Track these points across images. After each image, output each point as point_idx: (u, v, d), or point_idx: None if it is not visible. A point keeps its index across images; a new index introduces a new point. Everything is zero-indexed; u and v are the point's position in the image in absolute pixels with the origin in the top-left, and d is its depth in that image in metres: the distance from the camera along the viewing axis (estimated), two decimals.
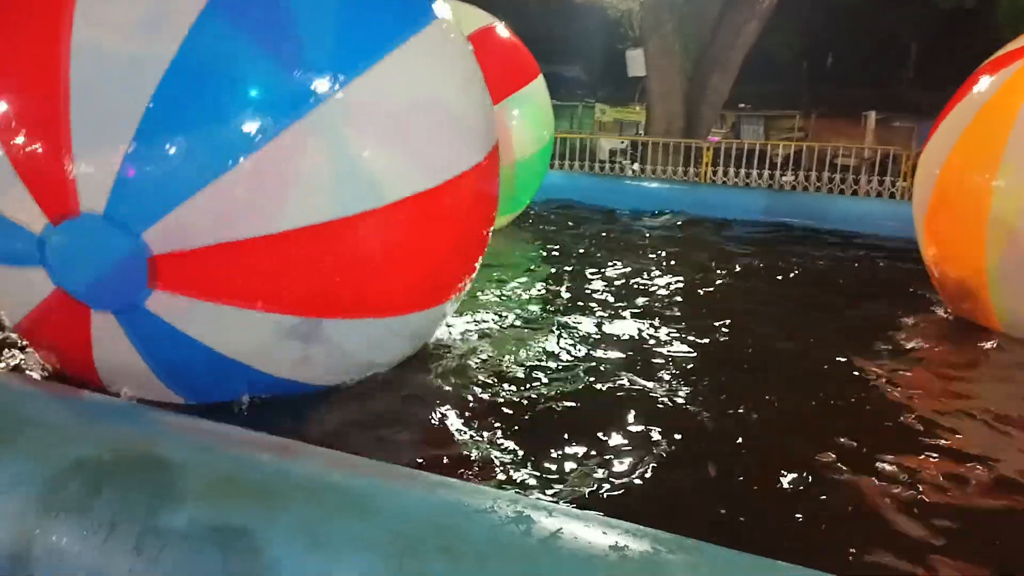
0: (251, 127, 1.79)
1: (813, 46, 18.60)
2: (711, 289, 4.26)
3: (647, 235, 6.34)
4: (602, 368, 2.79)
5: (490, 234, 2.64)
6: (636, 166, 10.56)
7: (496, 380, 2.60)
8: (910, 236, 4.01)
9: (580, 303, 3.78)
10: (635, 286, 4.23)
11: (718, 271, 4.76)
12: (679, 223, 7.04)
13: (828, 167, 9.59)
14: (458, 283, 2.49)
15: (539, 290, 4.07)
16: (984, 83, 3.53)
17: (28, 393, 1.69)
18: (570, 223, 6.76)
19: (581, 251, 5.34)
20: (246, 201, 1.82)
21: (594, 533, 1.14)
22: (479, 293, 3.83)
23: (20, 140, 1.79)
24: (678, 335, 3.26)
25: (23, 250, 1.87)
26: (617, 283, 4.28)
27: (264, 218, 1.85)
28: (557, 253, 5.29)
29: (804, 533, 1.80)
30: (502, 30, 5.40)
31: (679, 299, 3.96)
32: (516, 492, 1.77)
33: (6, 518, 1.25)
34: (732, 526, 1.80)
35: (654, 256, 5.22)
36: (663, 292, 4.11)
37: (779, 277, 4.71)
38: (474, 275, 2.59)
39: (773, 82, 17.24)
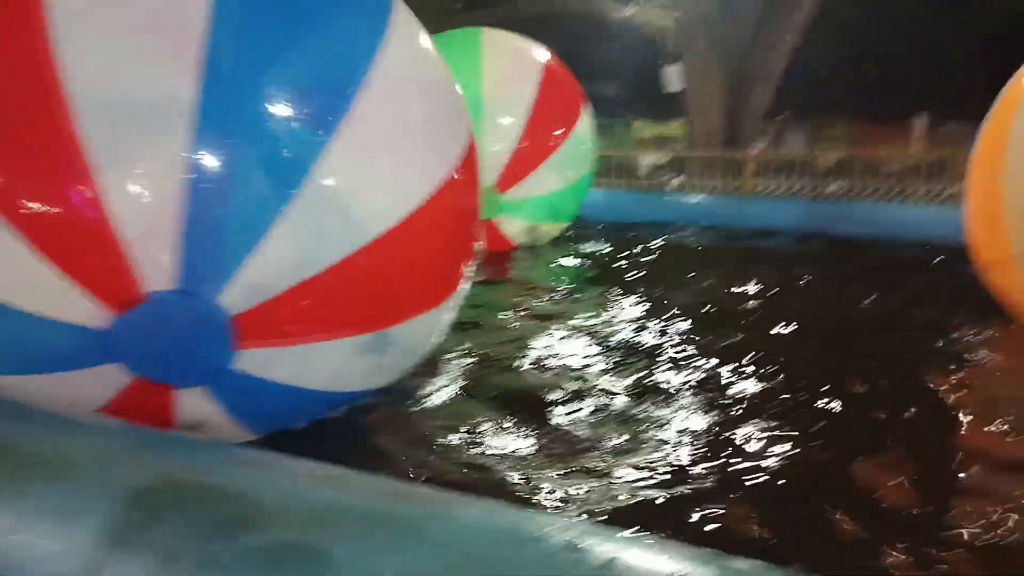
0: (288, 162, 1.75)
1: (857, 52, 18.25)
2: (758, 304, 4.17)
3: (690, 249, 6.27)
4: (652, 386, 2.75)
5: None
6: (677, 180, 10.46)
7: (534, 396, 2.59)
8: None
9: (621, 320, 3.74)
10: (680, 302, 4.17)
11: (763, 284, 4.67)
12: (723, 236, 6.95)
13: (876, 174, 9.37)
14: (468, 267, 2.45)
15: (578, 307, 4.04)
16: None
17: (86, 424, 1.71)
18: (612, 239, 6.73)
19: (622, 267, 5.31)
20: (305, 237, 1.79)
21: (654, 559, 1.11)
22: (517, 310, 3.83)
23: (56, 235, 1.62)
24: (725, 353, 3.19)
25: (88, 349, 1.75)
26: (660, 300, 4.23)
27: (323, 249, 1.84)
28: (598, 269, 5.27)
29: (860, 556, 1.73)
30: (557, 63, 5.75)
31: (722, 314, 3.89)
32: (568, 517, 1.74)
33: (74, 550, 1.27)
34: (788, 549, 1.74)
35: (697, 271, 5.16)
36: (705, 308, 4.05)
37: (829, 289, 4.59)
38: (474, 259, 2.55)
39: (816, 90, 16.94)
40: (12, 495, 1.34)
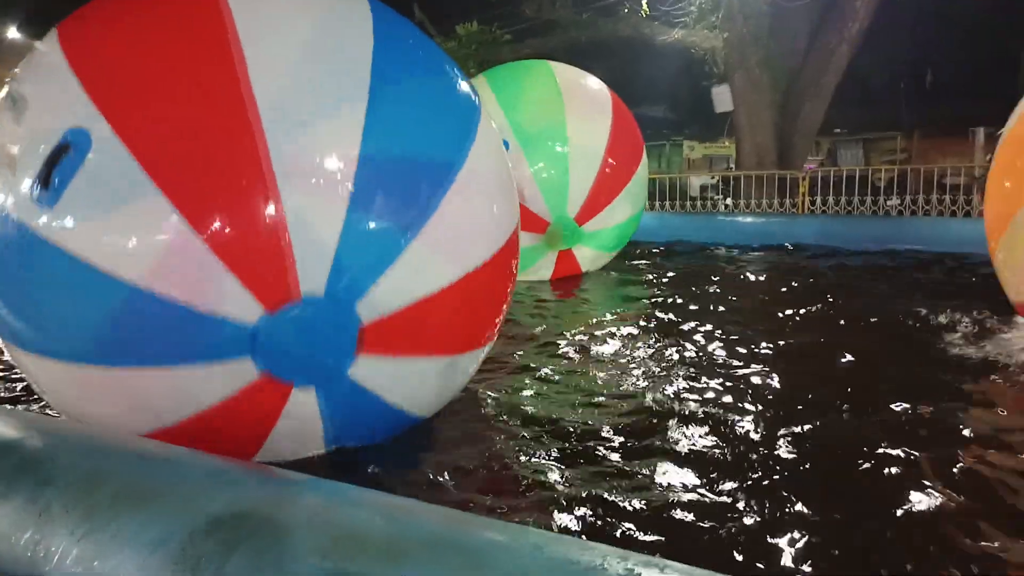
0: (423, 196, 2.03)
1: (912, 63, 17.85)
2: (802, 323, 4.09)
3: (740, 271, 6.19)
4: (694, 407, 2.73)
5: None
6: (729, 201, 10.37)
7: (573, 419, 2.59)
8: None
9: (664, 343, 3.72)
10: (725, 325, 4.13)
11: (815, 305, 4.58)
12: (775, 256, 6.85)
13: (936, 188, 9.12)
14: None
15: (618, 331, 4.03)
16: None
17: (161, 455, 1.78)
18: (662, 263, 6.71)
19: (667, 290, 5.28)
20: (428, 260, 2.04)
21: None
22: (560, 333, 3.85)
23: (231, 234, 1.78)
24: (767, 371, 3.15)
25: (227, 344, 1.86)
26: (703, 324, 4.19)
27: (438, 274, 2.09)
28: (645, 293, 5.26)
29: None
30: (619, 100, 6.01)
31: (771, 334, 3.83)
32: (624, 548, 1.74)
33: None
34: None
35: (743, 291, 5.10)
36: (751, 330, 3.99)
37: (873, 310, 4.48)
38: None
39: (870, 104, 16.61)
40: (98, 525, 1.42)
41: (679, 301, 4.90)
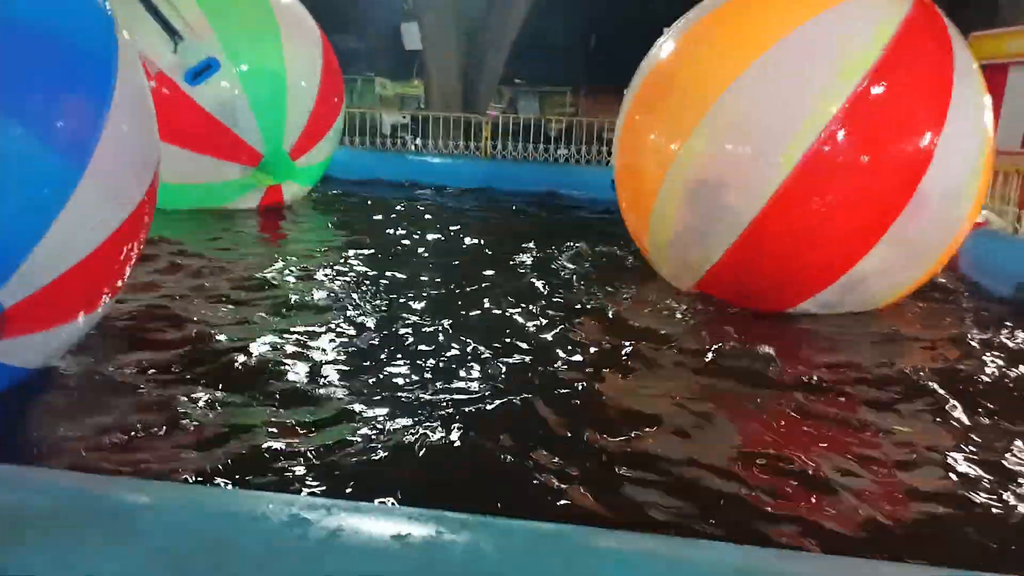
0: (60, 177, 1.83)
1: (580, 25, 19.64)
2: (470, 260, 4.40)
3: (428, 209, 6.41)
4: (367, 347, 2.80)
5: None
6: (418, 141, 10.56)
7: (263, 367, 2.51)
8: None
9: (353, 280, 3.74)
10: (406, 258, 4.31)
11: (495, 242, 4.94)
12: (460, 196, 7.21)
13: (597, 140, 10.25)
14: None
15: (313, 272, 3.96)
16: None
17: None
18: (354, 200, 6.67)
19: (361, 227, 5.33)
20: (68, 238, 1.87)
21: (375, 524, 1.14)
22: (256, 274, 3.68)
23: None
24: (439, 307, 3.35)
25: None
26: (386, 256, 4.33)
27: (79, 247, 1.93)
28: (339, 230, 5.22)
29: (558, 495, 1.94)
30: (325, 36, 5.76)
31: (447, 269, 4.07)
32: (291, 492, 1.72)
33: None
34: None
35: (426, 228, 5.35)
36: (429, 263, 4.22)
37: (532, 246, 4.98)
38: None
39: (546, 60, 17.94)
40: None
41: (360, 241, 4.92)
